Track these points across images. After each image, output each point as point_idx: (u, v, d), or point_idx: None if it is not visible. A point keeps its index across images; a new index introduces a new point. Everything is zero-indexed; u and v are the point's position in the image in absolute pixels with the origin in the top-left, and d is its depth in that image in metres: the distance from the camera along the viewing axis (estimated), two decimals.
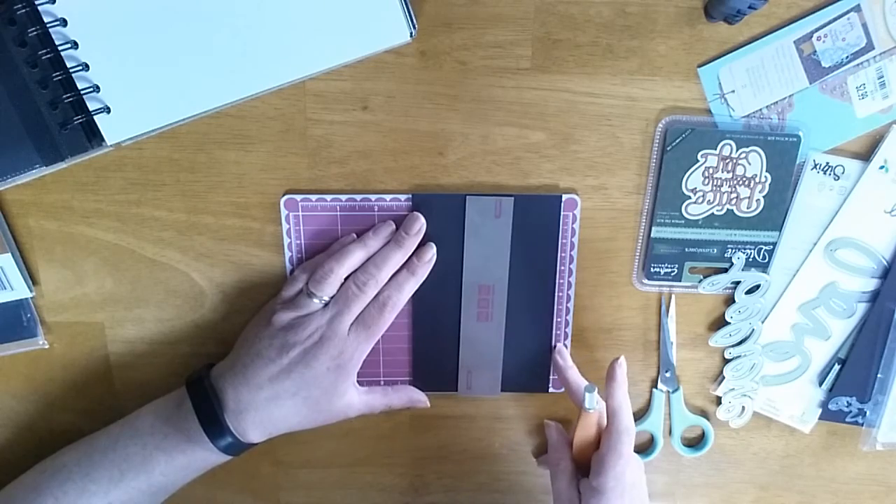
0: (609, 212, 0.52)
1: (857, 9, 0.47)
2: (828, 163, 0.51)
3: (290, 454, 0.58)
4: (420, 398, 0.54)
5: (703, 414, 0.58)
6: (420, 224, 0.49)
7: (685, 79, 0.49)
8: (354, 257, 0.48)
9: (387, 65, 0.48)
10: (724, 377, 0.56)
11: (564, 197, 0.51)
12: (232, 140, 0.49)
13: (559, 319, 0.54)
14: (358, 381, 0.51)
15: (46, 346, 0.53)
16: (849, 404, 0.56)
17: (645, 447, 0.59)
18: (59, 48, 0.43)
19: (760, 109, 0.50)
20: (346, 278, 0.48)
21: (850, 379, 0.55)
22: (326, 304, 0.48)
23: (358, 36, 0.46)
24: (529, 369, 0.55)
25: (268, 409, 0.47)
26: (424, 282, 0.51)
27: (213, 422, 0.46)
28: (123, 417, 0.50)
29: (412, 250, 0.50)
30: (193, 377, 0.49)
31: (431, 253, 0.50)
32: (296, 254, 0.51)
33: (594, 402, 0.48)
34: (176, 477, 0.48)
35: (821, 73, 0.49)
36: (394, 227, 0.50)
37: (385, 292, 0.49)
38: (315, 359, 0.46)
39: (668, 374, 0.56)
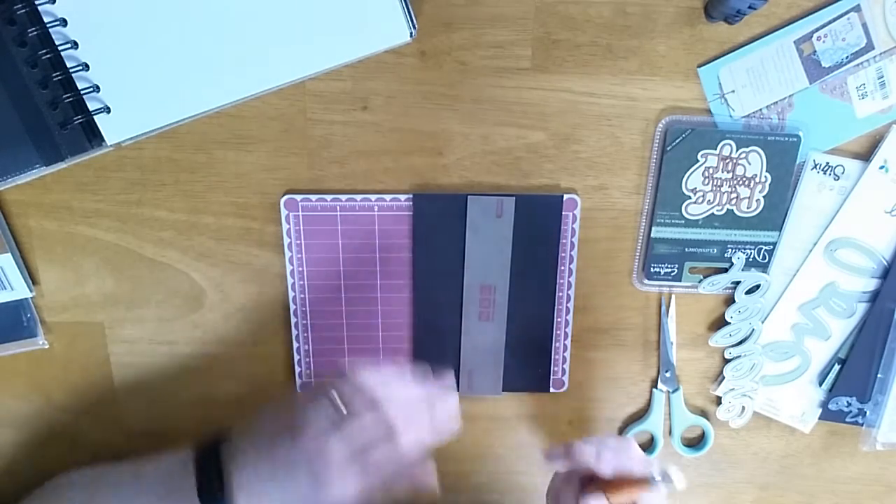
0: (609, 212, 0.52)
1: (857, 9, 0.47)
2: (828, 163, 0.51)
3: None
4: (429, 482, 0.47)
5: (703, 414, 0.58)
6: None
7: (685, 79, 0.49)
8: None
9: (387, 65, 0.48)
10: (724, 377, 0.56)
11: (565, 197, 0.51)
12: (232, 140, 0.49)
13: (559, 319, 0.54)
14: None
15: (46, 346, 0.53)
16: (849, 404, 0.56)
17: (645, 447, 0.59)
18: (59, 48, 0.43)
19: (760, 109, 0.50)
20: None
21: (850, 379, 0.55)
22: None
23: (358, 36, 0.46)
24: (530, 369, 0.55)
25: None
26: (425, 282, 0.51)
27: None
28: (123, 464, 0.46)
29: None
30: (202, 461, 0.44)
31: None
32: (296, 254, 0.51)
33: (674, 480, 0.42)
34: None
35: (821, 73, 0.49)
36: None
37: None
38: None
39: (668, 374, 0.56)
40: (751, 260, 0.53)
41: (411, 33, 0.46)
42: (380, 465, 0.42)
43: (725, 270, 0.53)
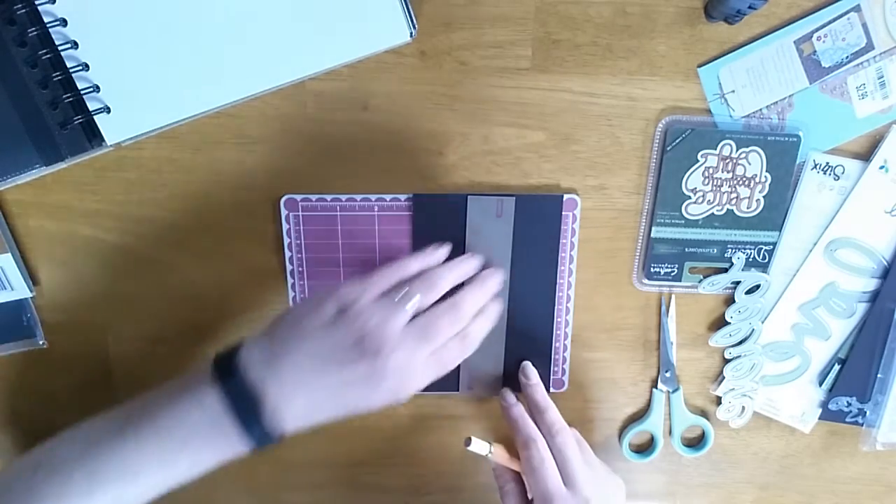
0: (609, 212, 0.52)
1: (857, 9, 0.47)
2: (828, 163, 0.51)
3: (290, 454, 0.57)
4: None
5: (703, 414, 0.58)
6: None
7: (685, 79, 0.49)
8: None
9: (387, 65, 0.48)
10: (724, 377, 0.56)
11: (565, 197, 0.51)
12: (232, 140, 0.49)
13: (559, 319, 0.54)
14: None
15: (46, 346, 0.53)
16: (849, 404, 0.56)
17: (645, 447, 0.59)
18: (59, 48, 0.43)
19: (760, 109, 0.50)
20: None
21: (850, 379, 0.55)
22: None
23: (358, 36, 0.46)
24: None
25: (312, 400, 0.41)
26: None
27: (252, 421, 0.40)
28: (126, 404, 0.43)
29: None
30: (223, 369, 0.41)
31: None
32: (296, 254, 0.51)
33: (483, 449, 0.48)
34: (193, 473, 0.42)
35: (821, 73, 0.49)
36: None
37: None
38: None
39: (668, 374, 0.56)
40: (751, 260, 0.53)
41: (411, 33, 0.46)
42: (451, 360, 0.43)
43: (725, 270, 0.53)
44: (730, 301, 0.54)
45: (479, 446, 0.47)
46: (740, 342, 0.55)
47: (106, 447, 0.40)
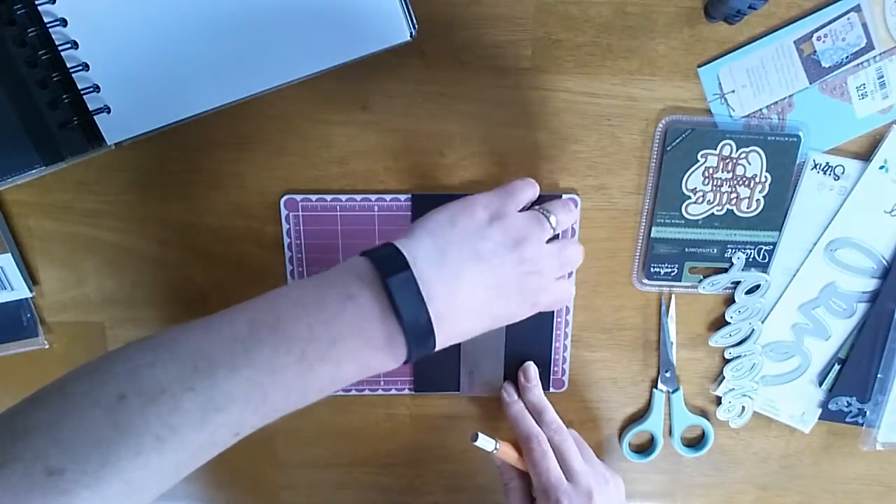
0: (609, 212, 0.52)
1: (857, 9, 0.47)
2: (828, 163, 0.51)
3: (290, 454, 0.57)
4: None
5: (703, 414, 0.58)
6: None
7: (685, 79, 0.49)
8: None
9: (387, 65, 0.48)
10: (724, 377, 0.56)
11: (564, 197, 0.51)
12: (232, 140, 0.49)
13: (559, 319, 0.54)
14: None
15: (46, 346, 0.53)
16: (849, 404, 0.56)
17: (645, 447, 0.59)
18: (59, 48, 0.43)
19: (760, 109, 0.50)
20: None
21: (850, 379, 0.55)
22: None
23: (358, 36, 0.45)
24: None
25: (472, 321, 0.38)
26: None
27: (417, 320, 0.34)
28: (241, 306, 0.35)
29: None
30: (386, 263, 0.35)
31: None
32: (296, 254, 0.51)
33: (490, 445, 0.49)
34: (335, 385, 0.35)
35: (821, 73, 0.49)
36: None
37: None
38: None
39: (668, 374, 0.56)
40: (751, 260, 0.53)
41: (411, 33, 0.45)
42: (567, 294, 0.43)
43: (725, 270, 0.53)
44: (730, 301, 0.54)
45: (485, 442, 0.48)
46: (740, 342, 0.55)
47: (237, 364, 0.32)
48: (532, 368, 0.54)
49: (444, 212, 0.39)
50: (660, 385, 0.56)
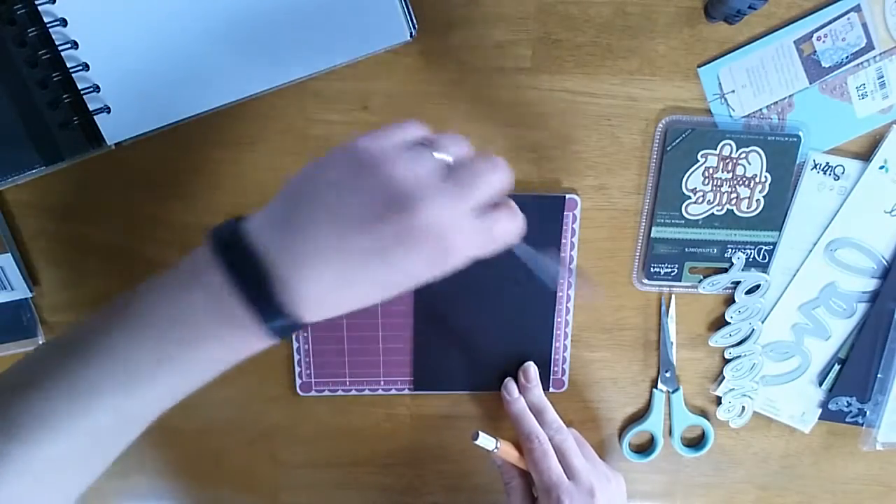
0: (609, 212, 0.52)
1: (857, 9, 0.47)
2: (828, 163, 0.51)
3: (290, 454, 0.57)
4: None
5: (703, 414, 0.58)
6: None
7: (685, 79, 0.49)
8: None
9: (387, 65, 0.48)
10: (724, 377, 0.56)
11: (565, 197, 0.51)
12: (232, 140, 0.49)
13: (559, 319, 0.54)
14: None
15: None
16: (849, 404, 0.56)
17: (645, 447, 0.59)
18: (59, 48, 0.43)
19: (760, 109, 0.50)
20: None
21: (850, 379, 0.55)
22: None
23: (358, 36, 0.46)
24: None
25: (336, 274, 0.32)
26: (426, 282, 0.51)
27: (263, 298, 0.32)
28: (111, 301, 0.36)
29: None
30: (224, 239, 0.34)
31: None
32: None
33: (490, 444, 0.49)
34: (205, 374, 0.35)
35: (821, 73, 0.49)
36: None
37: None
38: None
39: (668, 374, 0.56)
40: (751, 260, 0.53)
41: (411, 33, 0.45)
42: (502, 231, 0.35)
43: (725, 270, 0.53)
44: (730, 301, 0.54)
45: (486, 441, 0.48)
46: (740, 342, 0.55)
47: (93, 352, 0.33)
48: (532, 368, 0.54)
49: (305, 168, 0.34)
50: (660, 385, 0.56)
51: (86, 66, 0.44)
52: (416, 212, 0.31)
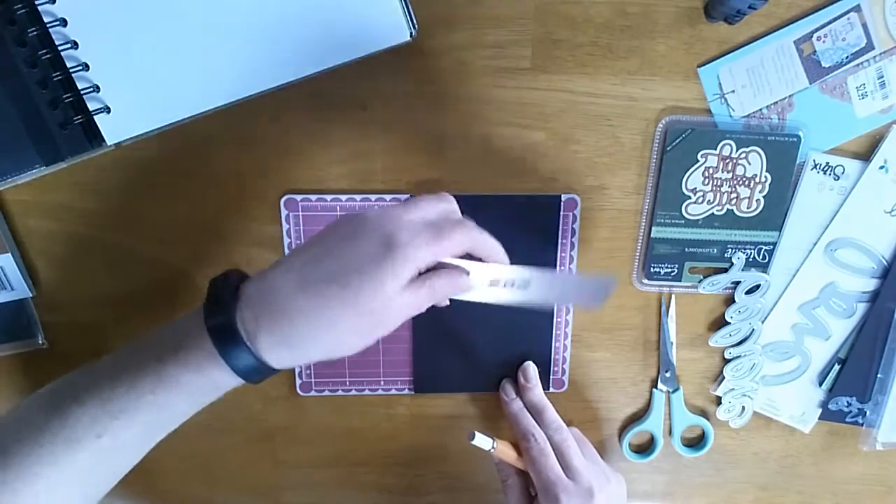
0: (609, 212, 0.52)
1: (857, 9, 0.47)
2: (828, 163, 0.51)
3: (290, 454, 0.57)
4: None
5: (703, 414, 0.58)
6: None
7: (685, 79, 0.49)
8: None
9: (387, 65, 0.48)
10: (724, 377, 0.56)
11: (564, 197, 0.51)
12: (232, 140, 0.49)
13: (559, 319, 0.54)
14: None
15: (46, 346, 0.53)
16: (849, 404, 0.56)
17: (645, 447, 0.59)
18: (59, 48, 0.43)
19: (760, 109, 0.50)
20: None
21: (850, 379, 0.55)
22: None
23: (358, 36, 0.46)
24: None
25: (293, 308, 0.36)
26: None
27: (226, 337, 0.37)
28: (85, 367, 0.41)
29: None
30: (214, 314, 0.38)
31: None
32: None
33: (487, 444, 0.49)
34: (185, 410, 0.40)
35: (821, 73, 0.49)
36: None
37: None
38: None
39: (668, 374, 0.56)
40: (751, 260, 0.53)
41: (411, 33, 0.45)
42: (446, 286, 0.38)
43: (725, 270, 0.53)
44: (730, 301, 0.54)
45: (482, 440, 0.48)
46: (740, 342, 0.55)
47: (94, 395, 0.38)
48: (531, 368, 0.54)
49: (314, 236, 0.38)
50: (660, 385, 0.56)
51: (86, 66, 0.44)
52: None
